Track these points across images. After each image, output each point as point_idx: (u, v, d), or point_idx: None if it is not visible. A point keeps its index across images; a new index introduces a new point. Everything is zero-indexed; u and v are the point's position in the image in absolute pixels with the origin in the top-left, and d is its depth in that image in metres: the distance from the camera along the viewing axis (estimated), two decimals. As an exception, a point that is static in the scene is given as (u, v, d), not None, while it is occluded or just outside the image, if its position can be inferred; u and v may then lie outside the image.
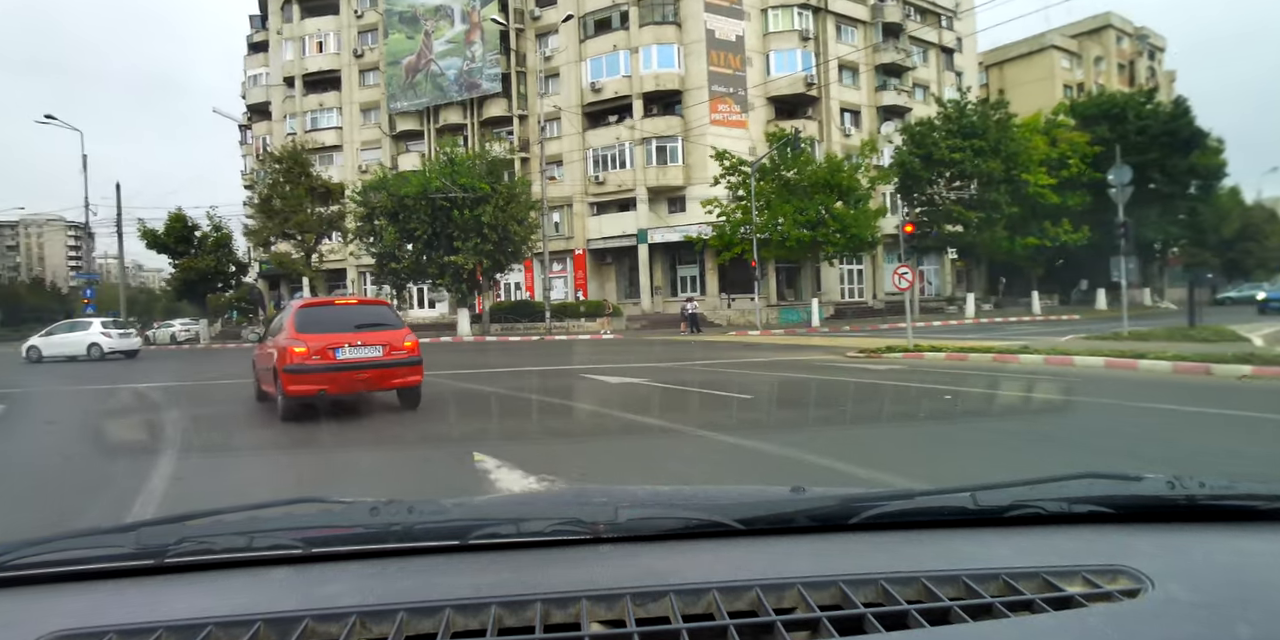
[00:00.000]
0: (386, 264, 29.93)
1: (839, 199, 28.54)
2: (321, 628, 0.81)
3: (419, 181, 28.31)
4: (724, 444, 5.80)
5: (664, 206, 38.08)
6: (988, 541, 1.06)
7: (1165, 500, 1.13)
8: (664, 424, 6.70)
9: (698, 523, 1.06)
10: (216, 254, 32.57)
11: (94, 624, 0.81)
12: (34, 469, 5.94)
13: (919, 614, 0.83)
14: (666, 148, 37.25)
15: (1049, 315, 33.58)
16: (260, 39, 51.25)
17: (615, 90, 37.83)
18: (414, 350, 8.17)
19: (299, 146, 33.99)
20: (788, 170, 29.28)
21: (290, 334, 7.91)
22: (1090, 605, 0.84)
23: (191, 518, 1.08)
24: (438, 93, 42.26)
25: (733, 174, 29.65)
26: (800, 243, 28.53)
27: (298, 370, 7.57)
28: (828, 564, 0.96)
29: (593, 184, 38.50)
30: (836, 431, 6.52)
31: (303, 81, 46.69)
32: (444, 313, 42.24)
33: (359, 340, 7.84)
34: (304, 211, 31.94)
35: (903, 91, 43.56)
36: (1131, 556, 0.95)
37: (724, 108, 37.40)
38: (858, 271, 41.29)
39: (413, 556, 1.00)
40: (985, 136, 30.92)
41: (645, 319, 34.82)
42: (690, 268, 38.58)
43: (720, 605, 0.84)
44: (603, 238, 38.41)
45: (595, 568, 0.95)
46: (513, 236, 29.31)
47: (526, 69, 41.39)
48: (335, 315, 8.55)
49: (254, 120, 51.80)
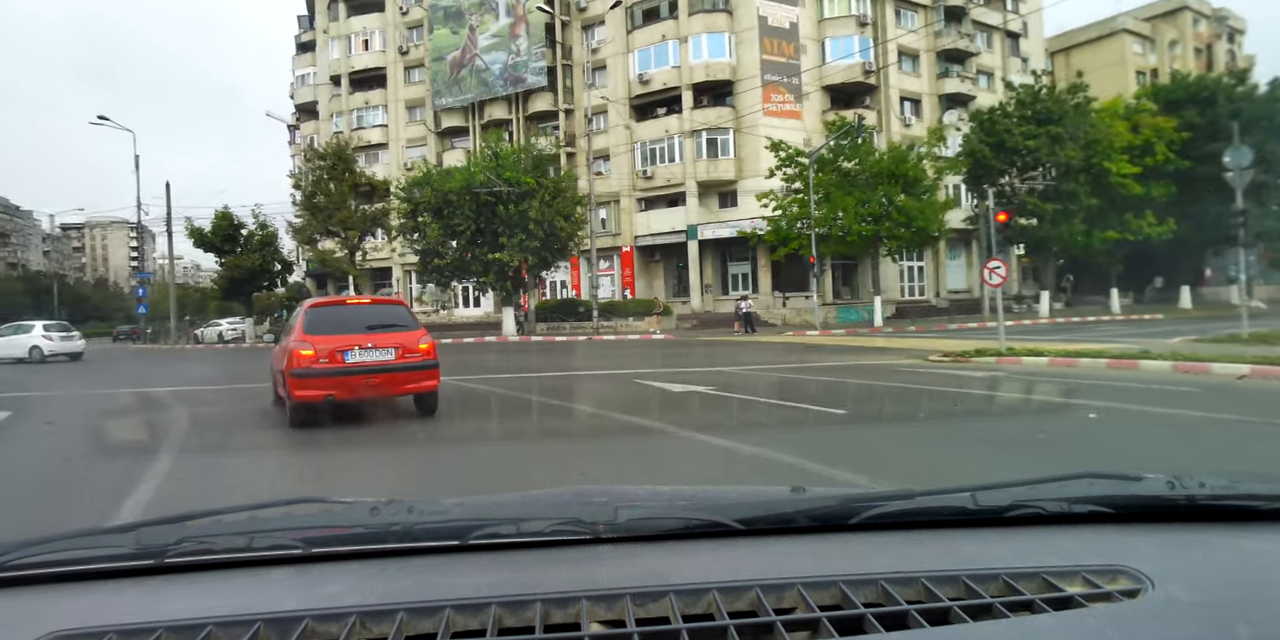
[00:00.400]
0: (430, 261, 29.15)
1: (903, 190, 26.77)
2: (321, 628, 0.81)
3: (463, 176, 27.44)
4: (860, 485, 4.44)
5: (714, 201, 36.68)
6: (988, 541, 1.05)
7: (1165, 500, 1.13)
8: (764, 454, 5.22)
9: (698, 523, 1.06)
10: (261, 252, 32.28)
11: (94, 624, 0.81)
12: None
13: (919, 614, 0.82)
14: (717, 140, 35.84)
15: (1129, 315, 31.26)
16: (308, 39, 51.40)
17: (664, 82, 36.56)
18: (430, 353, 7.67)
19: (342, 142, 33.45)
20: (848, 161, 27.61)
21: (298, 336, 7.43)
22: (1090, 605, 0.83)
23: (191, 518, 1.06)
24: (482, 88, 41.55)
25: (789, 165, 28.11)
26: (862, 237, 26.86)
27: (304, 374, 7.07)
28: (828, 564, 0.95)
29: (640, 179, 37.29)
30: (1006, 464, 5.01)
31: (349, 80, 46.55)
32: (489, 311, 41.51)
33: (370, 342, 7.35)
34: (347, 208, 31.40)
35: (966, 78, 41.36)
36: (1131, 556, 0.95)
37: (777, 98, 35.84)
38: (918, 269, 39.30)
39: (413, 556, 1.00)
40: (1062, 122, 28.78)
41: (695, 318, 33.49)
42: (742, 265, 37.11)
43: (720, 605, 0.84)
44: (651, 234, 37.18)
45: (595, 568, 0.94)
46: (559, 232, 28.26)
47: (572, 62, 40.40)
48: (346, 316, 7.95)
49: (302, 120, 51.96)
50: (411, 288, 44.01)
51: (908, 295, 38.19)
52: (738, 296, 30.71)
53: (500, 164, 27.73)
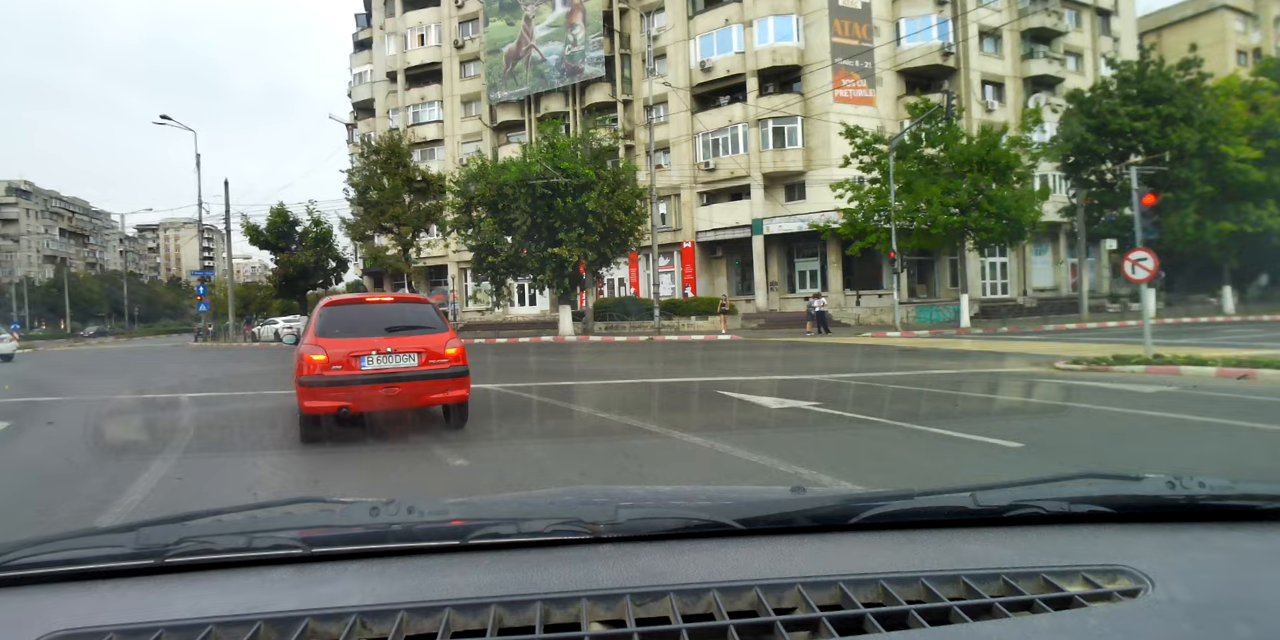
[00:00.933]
0: (484, 257, 27.97)
1: (995, 178, 24.40)
2: (322, 628, 0.81)
3: (518, 168, 26.16)
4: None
5: (780, 194, 34.70)
6: (988, 541, 1.05)
7: (1165, 500, 1.12)
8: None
9: (698, 523, 1.05)
10: (316, 249, 31.66)
11: (94, 624, 0.81)
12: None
13: (919, 614, 0.82)
14: (784, 129, 33.86)
15: (1244, 315, 28.17)
16: (365, 36, 51.22)
17: (727, 69, 34.75)
18: (458, 358, 6.76)
19: (396, 136, 32.61)
20: (932, 146, 25.35)
21: (309, 338, 6.57)
22: (1090, 605, 0.83)
23: (192, 518, 1.06)
24: (538, 80, 40.39)
25: (866, 153, 25.99)
26: (949, 229, 24.59)
27: (314, 383, 6.25)
28: (828, 564, 0.95)
29: (702, 171, 35.55)
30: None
31: (405, 76, 46.08)
32: (544, 310, 40.36)
33: (389, 346, 6.48)
34: (400, 203, 30.51)
35: (1054, 59, 38.36)
36: (1131, 556, 0.95)
37: (848, 83, 33.67)
38: (1001, 265, 36.59)
39: (413, 556, 0.99)
40: (1173, 102, 25.93)
41: (762, 317, 31.61)
42: (810, 261, 35.03)
43: (720, 605, 0.84)
44: (713, 229, 35.41)
45: (595, 568, 0.94)
46: (618, 227, 26.75)
47: (631, 51, 38.90)
48: (364, 316, 6.94)
49: (359, 118, 51.79)
50: (466, 285, 43.18)
51: (990, 293, 35.53)
52: (810, 294, 28.74)
53: (557, 155, 26.36)
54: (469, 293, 42.54)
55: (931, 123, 25.04)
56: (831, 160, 32.00)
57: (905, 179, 24.99)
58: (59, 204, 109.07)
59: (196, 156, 38.36)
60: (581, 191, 25.99)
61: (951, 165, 25.12)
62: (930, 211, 24.16)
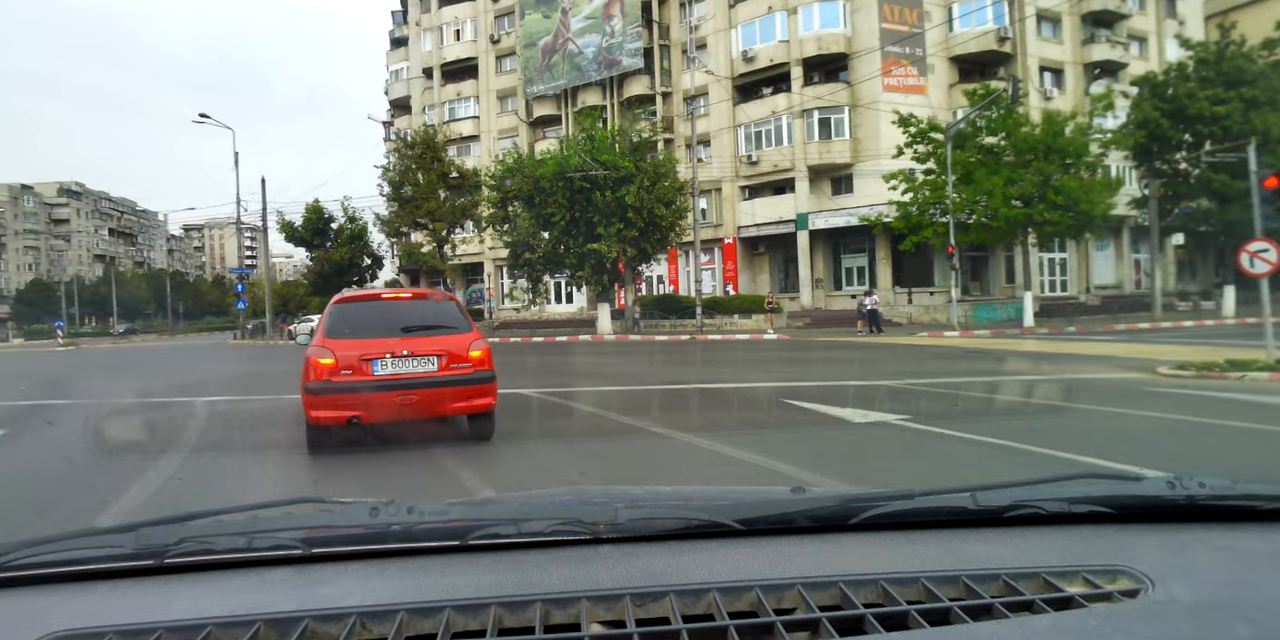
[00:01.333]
0: (521, 254, 27.15)
1: (1061, 168, 22.84)
2: (322, 628, 0.81)
3: (556, 161, 25.28)
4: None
5: (826, 187, 33.36)
6: (988, 542, 1.05)
7: (1165, 500, 1.12)
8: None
9: (698, 523, 1.05)
10: (351, 246, 31.21)
11: (94, 624, 0.81)
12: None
13: (919, 614, 0.82)
14: (830, 120, 32.50)
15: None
16: (401, 34, 50.98)
17: (770, 58, 33.49)
18: (483, 362, 6.03)
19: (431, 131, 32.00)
20: (992, 134, 23.85)
21: (317, 340, 5.89)
22: (1090, 606, 0.83)
23: (192, 518, 1.05)
24: (575, 73, 39.54)
25: (920, 142, 24.58)
26: (1011, 222, 23.09)
27: (321, 390, 5.58)
28: (828, 564, 0.95)
29: (744, 164, 34.35)
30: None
31: (440, 72, 45.65)
32: (581, 307, 39.53)
33: (405, 349, 5.77)
34: (435, 198, 29.87)
35: (1116, 44, 36.33)
36: (1131, 556, 0.95)
37: (898, 71, 32.18)
38: (1060, 261, 34.75)
39: (413, 557, 0.99)
40: (1257, 84, 24.05)
41: (807, 316, 30.33)
42: (857, 257, 33.63)
43: (720, 606, 0.84)
44: (755, 224, 34.19)
45: (595, 568, 0.94)
46: (659, 222, 25.72)
47: (670, 41, 37.83)
48: (378, 315, 6.19)
49: (396, 116, 51.58)
50: (502, 283, 42.56)
51: (1049, 291, 33.72)
52: (860, 292, 27.47)
53: (595, 147, 25.42)
54: (505, 290, 41.94)
55: (992, 109, 23.53)
56: (880, 152, 30.57)
57: (963, 169, 23.54)
58: (108, 204, 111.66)
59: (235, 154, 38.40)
60: (621, 185, 25.03)
61: (1013, 154, 23.62)
62: (991, 203, 22.70)
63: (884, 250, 31.74)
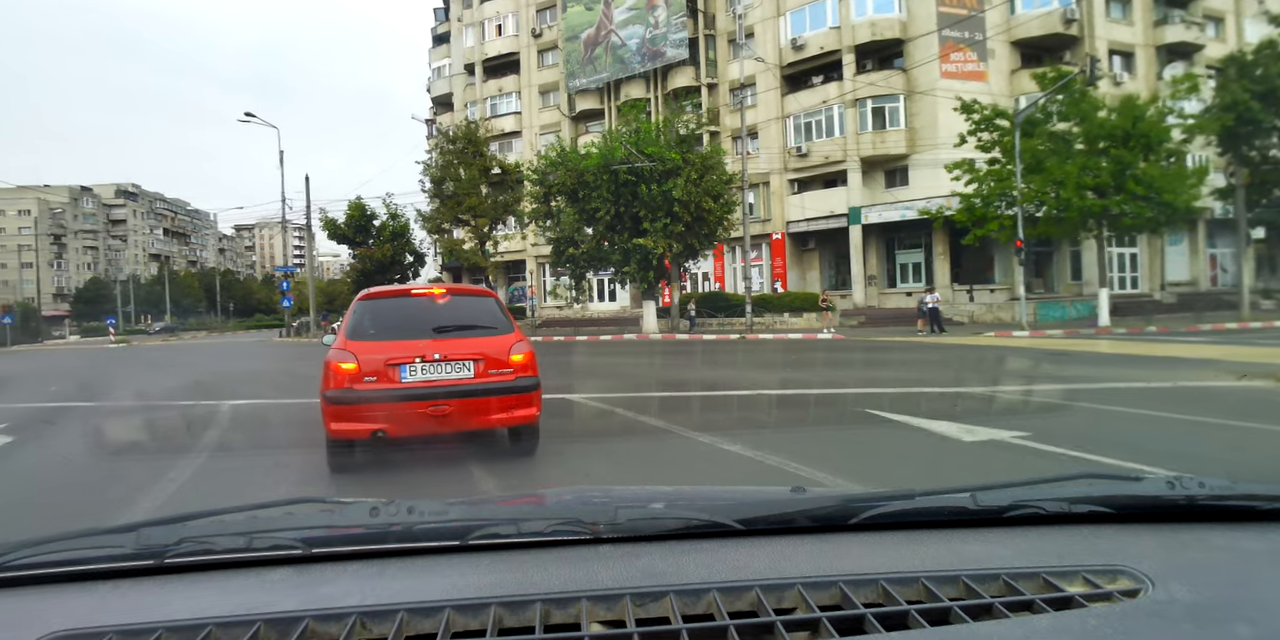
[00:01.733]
0: (565, 250, 26.40)
1: (1142, 155, 21.23)
2: (322, 628, 0.81)
3: (600, 154, 24.46)
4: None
5: (880, 179, 31.99)
6: (988, 542, 1.05)
7: (1165, 500, 1.12)
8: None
9: (698, 523, 1.05)
10: (393, 243, 30.88)
11: (94, 624, 0.81)
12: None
13: (919, 614, 0.82)
14: (884, 109, 31.12)
15: None
16: (443, 30, 50.81)
17: (821, 45, 32.21)
18: (526, 367, 5.29)
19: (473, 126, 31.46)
20: (1065, 120, 22.31)
21: (339, 342, 5.17)
22: (1090, 605, 0.83)
23: (192, 518, 1.05)
24: (618, 66, 38.71)
25: (985, 130, 23.15)
26: (1084, 214, 21.56)
27: (342, 399, 4.89)
28: (828, 564, 0.95)
29: (793, 157, 33.14)
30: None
31: (482, 67, 45.28)
32: (625, 306, 38.74)
33: (438, 352, 5.04)
34: (477, 194, 29.31)
35: (1192, 24, 34.17)
36: (1131, 556, 0.95)
37: (957, 57, 30.65)
38: (1130, 256, 32.82)
39: (413, 556, 0.99)
40: (1362, 61, 22.08)
41: (861, 314, 29.04)
42: (912, 253, 32.19)
43: (720, 605, 0.84)
44: (805, 219, 32.96)
45: (595, 568, 0.94)
46: (706, 216, 24.72)
47: (716, 31, 36.75)
48: (407, 313, 5.39)
49: (438, 113, 51.47)
50: (545, 281, 42.01)
51: (1119, 288, 31.81)
52: (923, 289, 26.10)
53: (641, 139, 24.53)
54: (547, 288, 41.36)
55: (1064, 94, 21.99)
56: (938, 142, 29.11)
57: (1033, 158, 22.07)
58: (162, 205, 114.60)
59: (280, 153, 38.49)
60: (667, 178, 24.12)
61: (1086, 141, 22.06)
62: (1064, 194, 21.20)
63: (942, 245, 30.28)
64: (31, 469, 5.94)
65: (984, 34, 30.83)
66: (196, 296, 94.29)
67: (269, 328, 69.82)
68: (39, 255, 72.14)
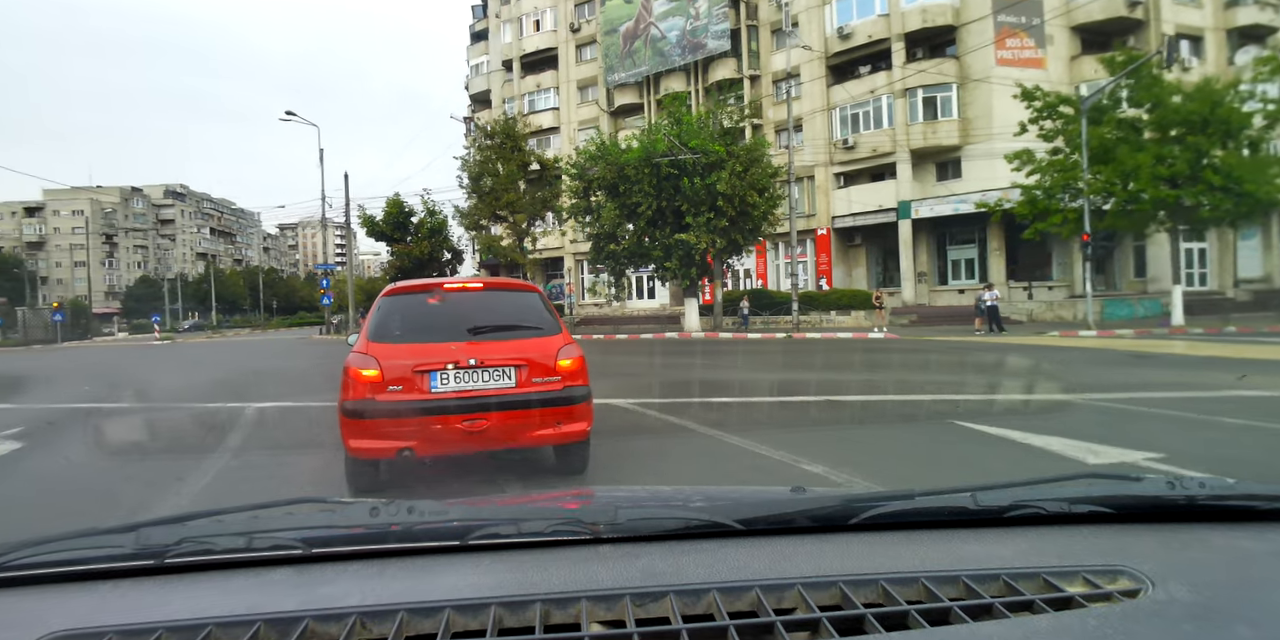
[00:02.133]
0: (605, 246, 25.73)
1: (1221, 143, 19.82)
2: (322, 628, 0.81)
3: (642, 147, 23.73)
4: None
5: (930, 172, 30.77)
6: (988, 542, 1.04)
7: (1165, 500, 1.12)
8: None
9: (698, 523, 1.05)
10: (431, 240, 30.57)
11: (94, 624, 0.81)
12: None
13: (919, 614, 0.82)
14: (936, 98, 29.90)
15: None
16: (481, 27, 50.58)
17: (869, 34, 31.07)
18: (575, 375, 4.56)
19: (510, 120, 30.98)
20: (1136, 106, 20.96)
21: (360, 345, 4.49)
22: (1090, 606, 0.84)
23: (192, 518, 1.05)
24: (658, 59, 37.96)
25: (1049, 118, 21.89)
26: (1159, 205, 20.23)
27: (363, 412, 4.22)
28: (828, 564, 0.95)
29: (839, 150, 32.06)
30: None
31: (520, 63, 44.92)
32: (664, 303, 38.01)
33: (474, 356, 4.34)
34: (515, 190, 28.82)
35: (1266, 5, 32.21)
36: (1131, 557, 0.95)
37: (1013, 43, 29.30)
38: (1199, 251, 31.07)
39: (413, 557, 0.99)
40: None
41: (912, 312, 27.90)
42: (964, 248, 30.91)
43: (720, 606, 0.84)
44: (851, 214, 31.88)
45: (595, 568, 0.94)
46: (751, 210, 23.85)
47: (758, 21, 35.78)
48: (439, 311, 4.64)
49: (476, 111, 51.27)
50: (583, 278, 41.47)
51: (1187, 284, 30.12)
52: (975, 286, 24.94)
53: (684, 131, 23.74)
54: (585, 285, 40.81)
55: (1136, 77, 20.64)
56: (993, 132, 27.83)
57: (1101, 146, 20.77)
58: (209, 205, 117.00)
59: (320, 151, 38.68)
60: (711, 171, 23.30)
61: (1159, 128, 20.69)
62: (1137, 184, 19.89)
63: (997, 240, 28.97)
64: (33, 475, 5.44)
65: (1041, 18, 29.43)
66: (241, 294, 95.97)
67: (310, 325, 70.58)
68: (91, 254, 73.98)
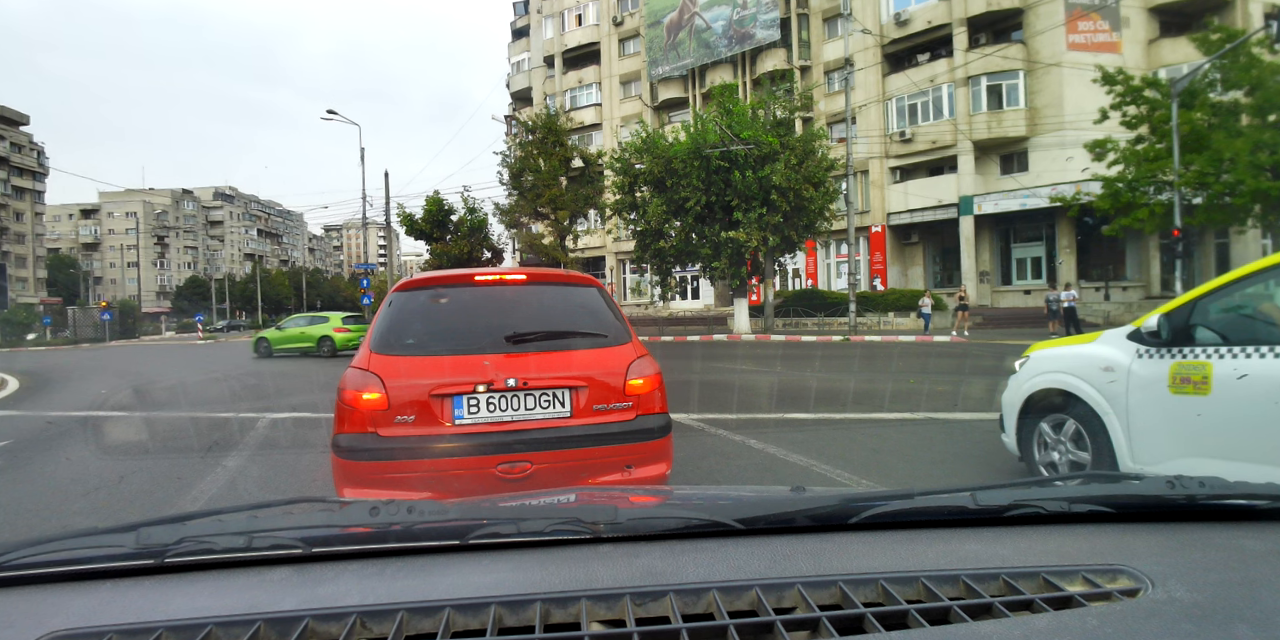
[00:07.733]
0: (650, 243, 24.64)
1: (1331, 127, 17.97)
2: (322, 627, 0.81)
3: (690, 139, 22.60)
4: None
5: (994, 166, 29.07)
6: (987, 541, 1.04)
7: (1165, 500, 1.12)
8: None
9: (698, 523, 1.05)
10: (471, 239, 29.87)
11: (94, 624, 0.81)
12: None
13: (919, 614, 0.82)
14: (1001, 86, 28.20)
15: None
16: (522, 24, 49.97)
17: (928, 20, 29.51)
18: (650, 400, 3.27)
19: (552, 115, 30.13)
20: (1235, 88, 19.17)
21: (361, 358, 3.21)
22: (1090, 605, 0.84)
23: (191, 518, 1.05)
24: (703, 51, 36.79)
25: (1133, 103, 20.19)
26: (1258, 197, 18.43)
27: (360, 450, 3.00)
28: (828, 564, 0.95)
29: (895, 143, 30.53)
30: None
31: (562, 59, 44.16)
32: (709, 304, 36.83)
33: (514, 374, 3.09)
34: (557, 186, 27.93)
35: (1369, -18, 29.71)
36: (1131, 556, 0.95)
37: (1086, 26, 27.46)
38: (1271, 249, 28.74)
39: (413, 556, 0.99)
40: None
41: (976, 314, 26.26)
42: (1030, 246, 29.13)
43: (720, 605, 0.84)
44: (908, 210, 30.34)
45: (595, 567, 0.94)
46: (807, 205, 22.55)
47: (809, 10, 34.39)
48: (466, 311, 3.40)
49: (517, 108, 50.70)
50: (625, 278, 40.49)
51: (1278, 284, 27.95)
52: (1043, 286, 23.26)
53: (735, 121, 22.54)
54: (628, 285, 39.81)
55: (1233, 57, 18.86)
56: (1064, 121, 26.11)
57: (1193, 134, 19.04)
58: (257, 206, 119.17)
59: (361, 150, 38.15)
60: (764, 163, 22.08)
61: (1258, 113, 18.87)
62: (1235, 174, 18.14)
63: (1067, 238, 27.20)
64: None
65: (1117, 0, 27.55)
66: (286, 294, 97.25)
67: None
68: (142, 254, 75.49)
